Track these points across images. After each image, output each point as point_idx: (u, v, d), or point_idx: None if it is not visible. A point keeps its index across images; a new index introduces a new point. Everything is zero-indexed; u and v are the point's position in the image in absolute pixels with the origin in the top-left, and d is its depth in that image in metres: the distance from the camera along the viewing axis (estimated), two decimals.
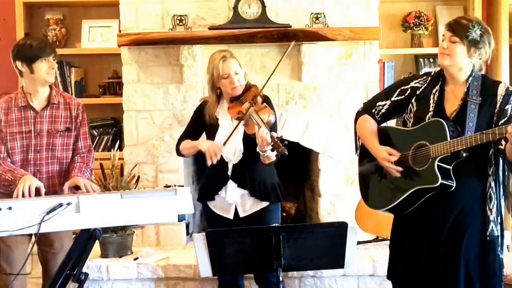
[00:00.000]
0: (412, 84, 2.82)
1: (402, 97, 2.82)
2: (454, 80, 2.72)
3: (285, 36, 4.04)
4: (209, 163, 3.13)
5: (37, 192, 3.03)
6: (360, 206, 4.01)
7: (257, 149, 3.04)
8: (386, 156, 2.74)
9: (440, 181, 2.58)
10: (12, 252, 3.19)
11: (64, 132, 3.30)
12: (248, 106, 3.15)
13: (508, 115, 2.60)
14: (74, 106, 3.35)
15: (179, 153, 3.39)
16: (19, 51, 3.21)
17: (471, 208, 2.66)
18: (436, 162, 2.59)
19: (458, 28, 2.63)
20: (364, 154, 2.94)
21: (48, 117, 3.27)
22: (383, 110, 2.87)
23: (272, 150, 2.98)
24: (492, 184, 2.66)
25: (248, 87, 3.28)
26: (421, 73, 2.94)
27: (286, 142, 2.94)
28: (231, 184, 3.24)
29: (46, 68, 3.20)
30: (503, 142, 2.52)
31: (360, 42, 4.21)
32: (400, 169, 2.71)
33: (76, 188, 3.13)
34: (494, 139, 2.48)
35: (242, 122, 3.13)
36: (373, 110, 2.89)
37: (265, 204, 3.26)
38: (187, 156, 3.56)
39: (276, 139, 2.93)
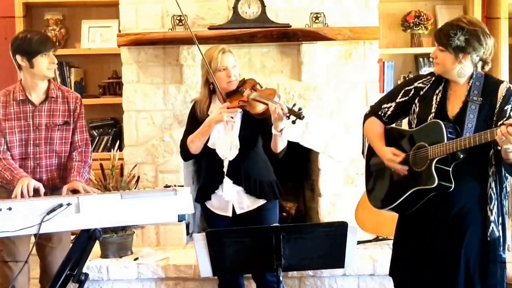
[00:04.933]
0: (416, 84, 2.83)
1: (407, 98, 2.83)
2: (455, 82, 2.72)
3: (285, 36, 4.05)
4: (223, 118, 3.06)
5: (37, 193, 3.03)
6: (360, 206, 4.01)
7: (273, 130, 3.01)
8: (391, 157, 2.76)
9: (437, 182, 2.59)
10: (15, 246, 3.18)
11: (63, 125, 3.29)
12: (249, 92, 3.14)
13: (507, 115, 2.59)
14: (72, 100, 3.33)
15: (187, 152, 3.24)
16: (19, 45, 3.17)
17: (471, 208, 2.66)
18: (434, 164, 2.60)
19: (441, 37, 2.66)
20: (370, 155, 2.97)
21: (46, 110, 3.26)
22: (389, 112, 2.89)
23: (288, 117, 2.92)
24: (493, 184, 2.65)
25: (244, 81, 3.27)
26: (425, 73, 2.93)
27: (300, 107, 2.91)
28: (227, 181, 3.22)
29: (46, 63, 3.18)
30: None
31: (360, 41, 4.21)
32: (406, 168, 2.72)
33: (74, 192, 3.11)
34: (487, 141, 2.48)
35: (246, 107, 3.09)
36: (380, 112, 2.91)
37: (262, 202, 3.24)
38: (198, 150, 3.24)
39: (289, 107, 2.92)
